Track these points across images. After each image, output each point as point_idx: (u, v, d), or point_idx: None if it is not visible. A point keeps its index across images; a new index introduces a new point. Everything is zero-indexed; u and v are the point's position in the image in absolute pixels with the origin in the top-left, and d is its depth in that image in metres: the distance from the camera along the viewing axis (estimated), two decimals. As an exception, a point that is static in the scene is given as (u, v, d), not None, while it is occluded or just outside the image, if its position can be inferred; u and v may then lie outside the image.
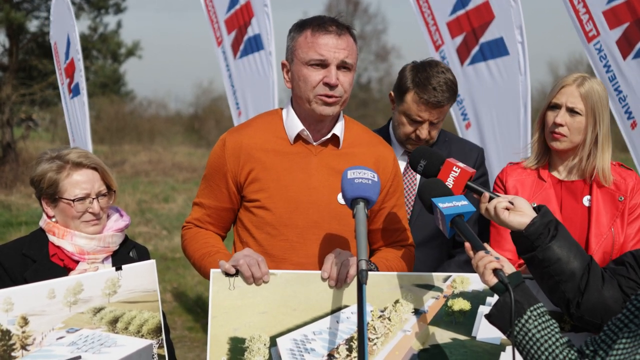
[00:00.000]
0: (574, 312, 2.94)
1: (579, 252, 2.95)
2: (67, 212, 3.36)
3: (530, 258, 2.95)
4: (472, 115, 6.38)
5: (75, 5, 24.36)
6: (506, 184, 3.72)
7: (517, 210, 2.97)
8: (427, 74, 3.92)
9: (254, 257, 3.04)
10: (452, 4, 6.38)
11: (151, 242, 13.27)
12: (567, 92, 3.59)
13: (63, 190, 3.35)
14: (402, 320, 3.06)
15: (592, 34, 4.56)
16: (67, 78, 9.53)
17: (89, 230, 3.37)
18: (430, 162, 3.19)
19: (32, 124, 25.91)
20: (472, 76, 6.31)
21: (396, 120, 4.05)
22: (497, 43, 6.04)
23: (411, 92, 3.92)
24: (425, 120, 3.93)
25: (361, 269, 2.56)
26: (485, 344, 3.07)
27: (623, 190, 3.60)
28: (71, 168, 3.37)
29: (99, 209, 3.39)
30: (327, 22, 3.20)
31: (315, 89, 3.18)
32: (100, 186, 3.41)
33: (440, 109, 3.92)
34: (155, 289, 3.21)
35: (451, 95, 3.95)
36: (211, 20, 8.47)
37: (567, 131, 3.58)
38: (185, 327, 8.79)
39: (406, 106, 3.95)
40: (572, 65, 37.04)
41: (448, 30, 6.44)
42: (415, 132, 3.96)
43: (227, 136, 3.37)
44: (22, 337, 2.92)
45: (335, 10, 41.54)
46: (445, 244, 4.08)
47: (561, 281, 2.91)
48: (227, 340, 3.00)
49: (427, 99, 3.87)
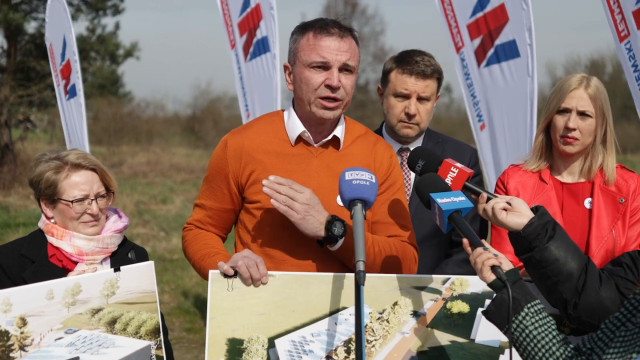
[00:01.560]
0: (572, 312, 2.94)
1: (577, 252, 2.95)
2: (65, 213, 3.36)
3: (527, 259, 2.95)
4: (487, 117, 6.42)
5: (73, 6, 24.37)
6: (507, 186, 3.72)
7: (515, 211, 2.97)
8: (408, 53, 4.12)
9: (252, 259, 3.04)
10: (472, 6, 6.43)
11: (149, 243, 13.26)
12: (575, 95, 3.58)
13: (62, 191, 3.35)
14: (400, 323, 3.06)
15: (623, 33, 4.58)
16: (63, 79, 9.54)
17: (87, 231, 3.37)
18: (428, 162, 3.21)
19: (30, 125, 25.95)
20: (488, 78, 6.35)
21: (386, 108, 4.14)
22: (510, 45, 6.10)
23: (394, 70, 4.08)
24: (411, 92, 4.01)
25: (359, 270, 2.56)
26: (484, 347, 3.07)
27: (624, 193, 3.60)
28: (70, 169, 3.37)
29: (98, 210, 3.39)
30: (329, 25, 3.21)
31: (317, 91, 3.18)
32: (99, 187, 3.41)
33: (424, 80, 4.01)
34: (153, 290, 3.21)
35: (434, 71, 4.05)
36: (226, 23, 8.45)
37: (579, 135, 3.58)
38: (184, 329, 8.79)
39: (391, 85, 4.07)
40: (570, 66, 37.14)
41: (468, 32, 6.48)
42: (404, 110, 4.03)
43: (228, 137, 3.37)
44: (21, 337, 2.92)
45: (333, 12, 41.58)
46: (443, 243, 4.09)
47: (559, 282, 2.91)
48: (226, 342, 3.00)
49: (410, 69, 4.00)
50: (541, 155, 3.74)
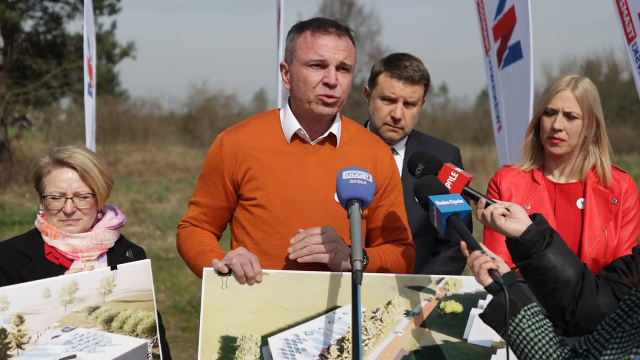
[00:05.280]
0: (569, 319, 2.94)
1: (574, 259, 2.95)
2: (48, 210, 3.39)
3: (525, 265, 2.94)
4: (504, 118, 6.44)
5: (70, 5, 24.34)
6: (500, 187, 3.73)
7: (513, 217, 2.97)
8: (397, 57, 4.12)
9: (247, 257, 3.05)
10: (495, 8, 6.44)
11: (145, 242, 13.25)
12: (562, 96, 3.60)
13: (43, 186, 3.39)
14: (394, 322, 3.07)
15: (631, 35, 4.59)
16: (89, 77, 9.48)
17: (66, 229, 3.38)
18: (428, 166, 3.21)
19: (26, 123, 25.88)
20: (505, 80, 6.36)
21: (372, 110, 4.15)
22: (517, 47, 6.11)
23: (382, 73, 4.08)
24: (398, 97, 4.02)
25: (355, 269, 2.57)
26: (477, 347, 3.08)
27: (617, 193, 3.61)
28: (53, 165, 3.39)
29: (72, 209, 3.36)
30: (327, 24, 3.24)
31: (315, 90, 3.20)
32: (78, 187, 3.38)
33: (412, 86, 4.02)
34: (150, 288, 3.22)
35: (422, 77, 4.06)
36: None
37: (565, 136, 3.59)
38: (179, 327, 8.79)
39: (379, 88, 4.08)
40: (566, 67, 37.14)
41: (493, 34, 6.49)
42: (389, 114, 4.04)
43: (224, 135, 3.39)
44: (18, 335, 2.93)
45: (329, 11, 41.56)
46: (429, 241, 4.13)
47: (556, 289, 2.91)
48: (219, 339, 3.01)
49: (398, 74, 4.01)
50: (532, 155, 3.76)
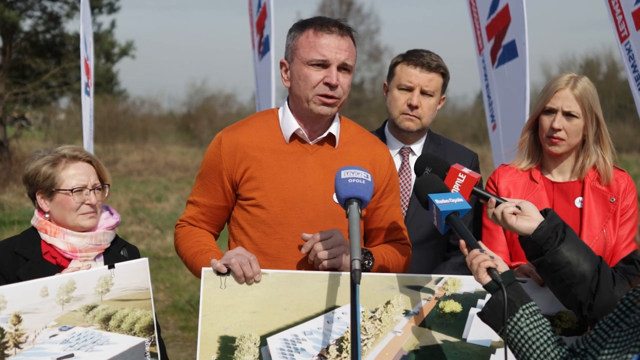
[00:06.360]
0: (587, 314, 2.93)
1: (589, 254, 2.94)
2: (64, 205, 3.38)
3: (539, 262, 2.94)
4: (498, 117, 6.43)
5: (68, 4, 24.32)
6: (498, 186, 3.72)
7: (525, 215, 2.97)
8: (416, 49, 4.17)
9: (245, 256, 3.05)
10: (489, 7, 6.44)
11: (144, 241, 13.25)
12: (561, 95, 3.58)
13: (60, 182, 3.38)
14: (393, 321, 3.07)
15: (624, 34, 4.59)
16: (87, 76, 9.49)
17: (85, 223, 3.39)
18: (436, 168, 3.21)
19: (25, 122, 25.86)
20: (499, 78, 6.36)
21: (389, 101, 4.17)
22: (512, 45, 6.11)
23: (400, 63, 4.12)
24: (415, 85, 4.04)
25: (354, 269, 2.57)
26: (476, 346, 3.09)
27: (615, 192, 3.60)
28: (67, 161, 3.41)
29: (96, 201, 3.42)
30: (329, 23, 3.24)
31: (315, 89, 3.20)
32: (95, 179, 3.45)
33: (428, 72, 4.05)
34: (147, 286, 3.22)
35: (439, 65, 4.09)
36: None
37: (564, 135, 3.58)
38: (178, 327, 8.79)
39: (396, 78, 4.10)
40: (565, 66, 37.14)
41: (486, 33, 6.49)
42: (407, 102, 4.05)
43: (223, 134, 3.38)
44: (15, 335, 2.93)
45: (328, 10, 41.55)
46: (441, 245, 4.10)
47: (572, 284, 2.91)
48: (218, 339, 3.01)
49: (415, 61, 4.05)
50: (529, 153, 3.75)
